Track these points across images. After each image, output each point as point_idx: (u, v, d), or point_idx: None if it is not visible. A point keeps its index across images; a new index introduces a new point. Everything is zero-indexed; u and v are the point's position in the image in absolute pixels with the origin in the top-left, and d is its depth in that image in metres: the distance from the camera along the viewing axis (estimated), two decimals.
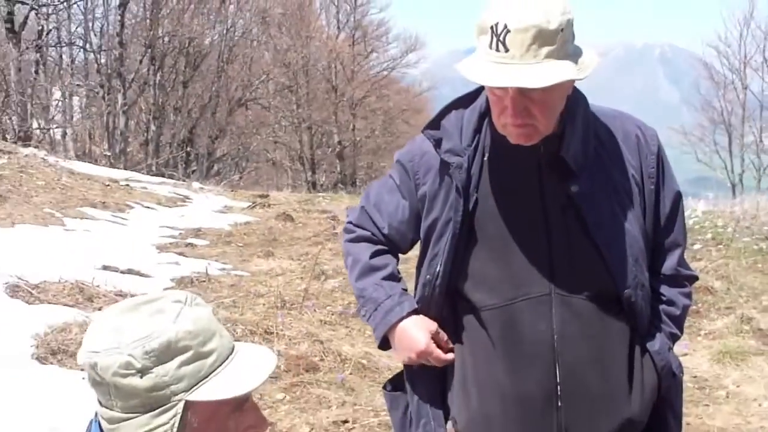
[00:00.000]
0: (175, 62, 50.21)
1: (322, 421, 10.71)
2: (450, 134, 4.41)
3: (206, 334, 3.08)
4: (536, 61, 3.87)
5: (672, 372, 4.62)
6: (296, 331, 13.53)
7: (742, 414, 11.30)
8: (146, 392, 2.99)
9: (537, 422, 4.37)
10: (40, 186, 22.10)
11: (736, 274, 17.14)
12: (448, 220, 4.39)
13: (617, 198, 4.37)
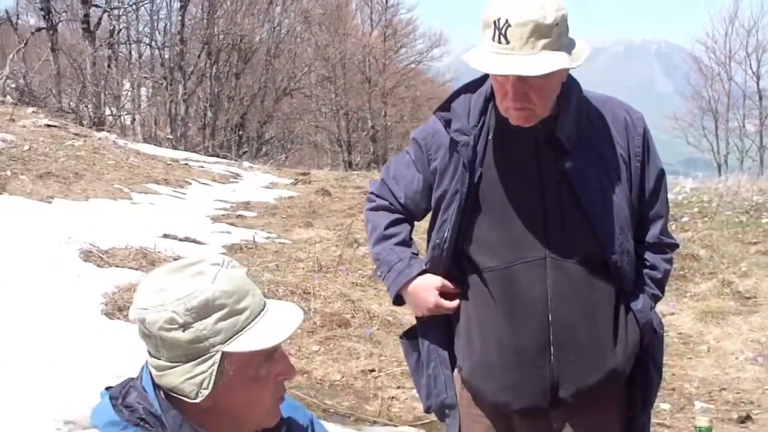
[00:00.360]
0: (229, 56, 50.25)
1: (351, 369, 10.77)
2: (459, 116, 4.48)
3: (240, 293, 3.07)
4: (534, 52, 3.96)
5: (653, 328, 4.66)
6: (331, 291, 13.68)
7: (720, 366, 11.38)
8: (188, 344, 3.00)
9: (532, 371, 4.44)
10: (110, 165, 22.10)
11: (718, 244, 17.15)
12: (455, 191, 4.46)
13: (606, 174, 4.43)
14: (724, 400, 10.25)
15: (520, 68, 3.96)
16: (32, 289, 11.93)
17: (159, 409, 3.09)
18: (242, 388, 3.13)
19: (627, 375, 4.65)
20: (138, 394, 3.15)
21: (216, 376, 3.03)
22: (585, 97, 4.52)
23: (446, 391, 4.78)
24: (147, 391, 3.14)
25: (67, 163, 20.97)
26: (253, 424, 3.26)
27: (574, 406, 4.51)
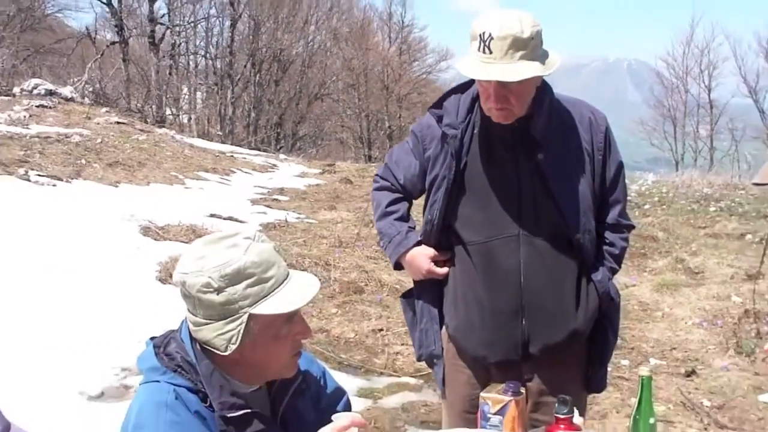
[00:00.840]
0: (270, 66, 50.29)
1: (363, 329, 10.84)
2: (449, 112, 4.56)
3: (267, 264, 3.15)
4: (512, 62, 4.06)
5: (611, 296, 4.72)
6: (348, 263, 13.75)
7: (672, 329, 11.41)
8: (220, 306, 3.09)
9: (507, 330, 4.53)
10: (168, 156, 22.15)
11: (674, 227, 17.16)
12: (444, 176, 4.54)
13: (572, 165, 4.50)
14: (674, 358, 10.27)
15: (501, 75, 4.06)
16: (100, 258, 12.12)
17: (194, 359, 3.20)
18: (265, 345, 3.20)
19: (587, 335, 4.72)
20: (177, 344, 3.26)
21: (243, 333, 3.10)
22: (556, 99, 4.56)
23: (434, 344, 4.87)
24: (185, 342, 3.25)
25: (132, 154, 21.03)
26: (274, 375, 3.35)
27: (542, 360, 4.58)
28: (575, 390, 4.58)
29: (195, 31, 51.18)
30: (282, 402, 3.44)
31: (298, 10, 52.07)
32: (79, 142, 21.26)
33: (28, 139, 20.31)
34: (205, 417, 3.14)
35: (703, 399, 8.90)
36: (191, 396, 3.15)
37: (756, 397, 8.80)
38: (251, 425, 3.20)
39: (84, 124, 24.52)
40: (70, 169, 17.89)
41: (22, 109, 25.09)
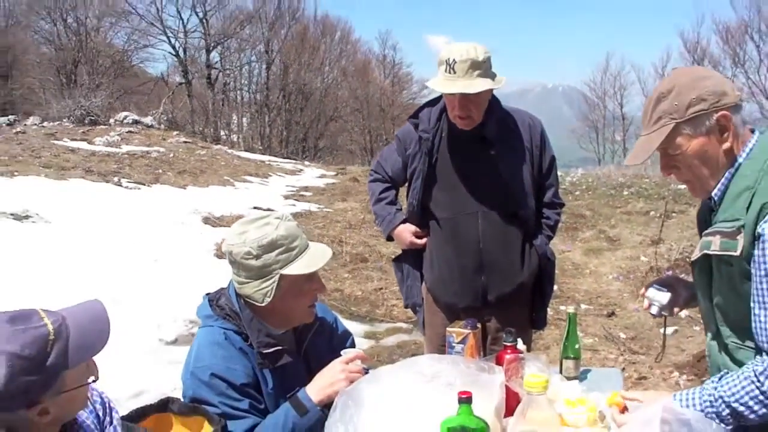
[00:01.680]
0: (296, 97, 50.33)
1: (368, 288, 10.89)
2: (423, 121, 4.66)
3: (293, 237, 3.24)
4: (471, 78, 4.22)
5: (547, 257, 4.83)
6: (356, 240, 13.78)
7: (597, 282, 11.47)
8: (258, 269, 3.19)
9: (470, 283, 4.65)
10: (222, 165, 22.13)
11: (597, 207, 17.13)
12: (420, 169, 4.63)
13: (517, 158, 4.60)
14: (599, 303, 10.29)
15: (464, 88, 4.20)
16: (173, 240, 12.13)
17: (238, 309, 3.30)
18: (291, 298, 3.27)
19: (531, 286, 4.81)
20: (226, 299, 3.36)
21: (276, 289, 3.21)
22: (504, 109, 4.66)
23: (416, 296, 5.00)
24: (231, 297, 3.34)
25: (196, 165, 21.05)
26: (297, 322, 3.41)
27: (497, 306, 4.67)
28: (523, 327, 4.71)
29: (240, 72, 51.25)
30: (304, 341, 3.52)
31: (316, 54, 52.13)
32: (157, 157, 21.37)
33: (120, 156, 20.47)
34: (246, 352, 3.24)
35: (620, 333, 8.92)
36: (236, 337, 3.27)
37: (659, 330, 8.80)
38: (281, 359, 3.29)
39: (160, 144, 24.62)
40: (150, 176, 17.94)
41: (116, 134, 25.27)
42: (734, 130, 2.69)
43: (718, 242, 2.67)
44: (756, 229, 2.51)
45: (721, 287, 2.77)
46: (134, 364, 7.36)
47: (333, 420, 2.68)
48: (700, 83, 2.68)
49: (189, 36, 47.67)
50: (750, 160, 2.68)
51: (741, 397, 2.52)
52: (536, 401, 2.26)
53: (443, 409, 2.45)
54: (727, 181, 2.72)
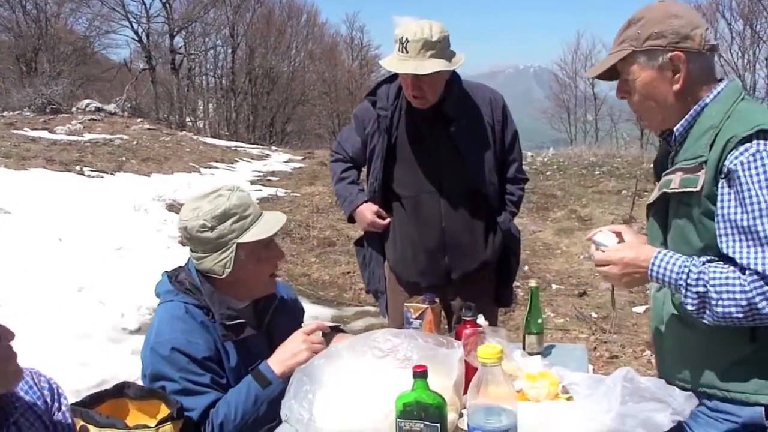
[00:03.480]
0: (262, 81, 50.12)
1: (336, 272, 10.96)
2: (381, 98, 4.64)
3: (245, 205, 3.33)
4: (424, 59, 4.17)
5: (512, 233, 4.84)
6: (324, 224, 13.79)
7: (568, 262, 11.53)
8: (215, 241, 3.27)
9: (433, 262, 4.66)
10: (187, 151, 22.03)
11: (568, 187, 17.22)
12: (380, 148, 4.60)
13: (478, 134, 4.59)
14: (570, 283, 10.34)
15: (414, 69, 4.17)
16: (136, 228, 12.08)
17: (198, 283, 3.36)
18: (251, 266, 3.34)
19: (495, 263, 4.82)
20: (185, 274, 3.42)
21: (234, 259, 3.28)
22: (463, 87, 4.62)
23: (379, 282, 5.04)
24: (191, 271, 3.40)
25: (160, 151, 20.93)
26: (258, 292, 3.48)
27: (461, 284, 4.69)
28: (488, 305, 4.74)
29: (205, 57, 50.94)
30: (265, 317, 3.56)
31: (282, 38, 51.83)
32: (120, 144, 21.23)
33: (82, 144, 20.32)
34: (208, 326, 3.29)
35: (591, 312, 8.97)
36: (197, 311, 3.31)
37: (631, 309, 8.90)
38: (244, 331, 3.34)
39: (124, 131, 24.46)
40: (113, 164, 17.80)
41: (78, 122, 25.09)
42: (687, 75, 2.76)
43: (678, 180, 2.73)
44: (720, 166, 2.58)
45: (674, 238, 2.85)
46: (97, 353, 7.32)
47: (288, 397, 2.68)
48: (668, 20, 2.77)
49: (152, 21, 47.23)
50: (716, 102, 2.76)
51: (720, 286, 2.55)
52: (491, 372, 2.25)
53: (399, 385, 2.46)
54: (689, 121, 2.80)
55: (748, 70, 42.31)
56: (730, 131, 2.59)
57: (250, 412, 3.16)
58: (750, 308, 2.50)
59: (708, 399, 2.83)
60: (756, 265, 2.49)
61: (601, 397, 2.58)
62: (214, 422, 3.14)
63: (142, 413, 3.01)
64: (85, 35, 46.67)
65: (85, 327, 7.87)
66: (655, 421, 2.44)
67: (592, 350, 7.72)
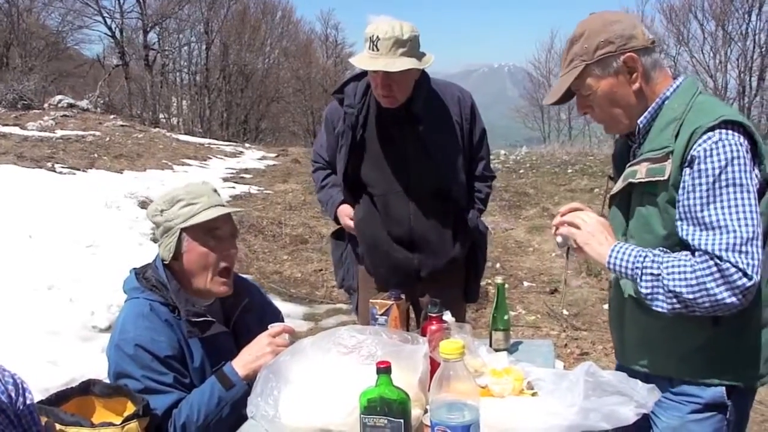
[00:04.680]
0: (237, 78, 49.88)
1: (308, 270, 10.97)
2: (349, 96, 4.60)
3: (197, 194, 3.41)
4: (394, 57, 4.16)
5: (480, 230, 4.85)
6: (297, 221, 13.77)
7: (540, 260, 11.61)
8: (163, 223, 3.39)
9: (403, 261, 4.68)
10: (160, 148, 21.92)
11: (541, 185, 17.33)
12: (343, 145, 4.62)
13: (446, 133, 4.59)
14: (542, 280, 10.40)
15: (384, 66, 4.14)
16: (107, 225, 11.99)
17: (165, 280, 3.37)
18: (196, 256, 3.39)
19: (464, 260, 4.84)
20: (152, 271, 3.44)
21: (177, 244, 3.36)
22: (432, 86, 4.61)
23: (353, 279, 5.06)
24: (158, 269, 3.42)
25: (133, 148, 20.81)
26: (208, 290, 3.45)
27: (431, 281, 4.69)
28: (457, 302, 4.81)
29: (180, 54, 50.57)
30: (233, 316, 3.59)
31: (256, 34, 51.56)
32: (92, 141, 21.07)
33: (54, 140, 20.14)
34: (172, 324, 3.29)
35: (563, 309, 9.01)
36: (162, 308, 3.32)
37: (602, 306, 8.97)
38: (210, 329, 3.35)
39: (96, 128, 24.29)
40: (86, 161, 17.70)
41: (50, 118, 24.91)
42: (644, 72, 2.86)
43: (644, 170, 2.81)
44: (686, 155, 2.67)
45: (637, 227, 2.92)
46: (67, 351, 7.29)
47: (254, 394, 2.69)
48: (609, 27, 2.85)
49: (125, 16, 46.76)
50: (677, 96, 2.85)
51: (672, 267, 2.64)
52: (453, 368, 2.27)
53: (364, 381, 2.47)
54: (652, 114, 2.89)
55: (719, 70, 42.41)
56: (695, 122, 2.68)
57: (213, 414, 3.17)
58: (699, 288, 2.58)
59: (670, 383, 2.92)
60: (705, 245, 2.58)
61: (564, 392, 2.61)
62: (177, 423, 3.16)
63: (109, 411, 3.02)
64: (57, 30, 46.23)
65: (54, 325, 7.84)
66: (618, 414, 2.47)
67: (563, 347, 7.77)
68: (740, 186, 2.58)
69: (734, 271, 2.53)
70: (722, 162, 2.58)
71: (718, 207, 2.58)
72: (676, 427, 2.94)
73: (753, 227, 2.56)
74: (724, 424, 2.90)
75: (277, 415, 2.63)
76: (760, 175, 2.69)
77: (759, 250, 2.57)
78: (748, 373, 2.89)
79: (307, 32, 60.36)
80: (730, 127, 2.63)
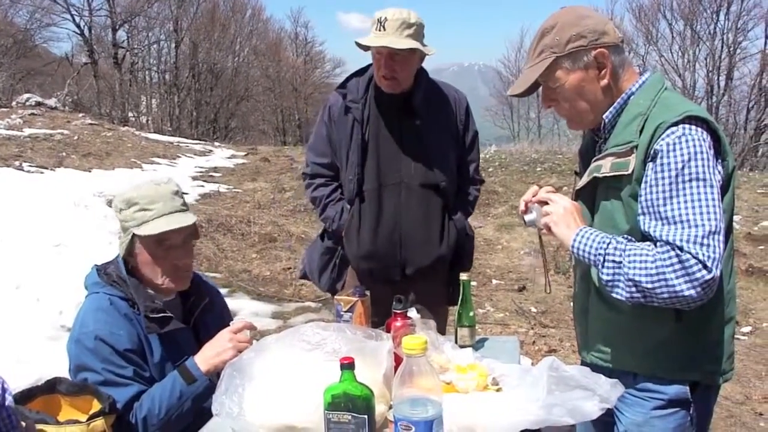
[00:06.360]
0: (206, 77, 49.64)
1: (277, 268, 10.95)
2: (352, 91, 4.74)
3: (152, 198, 3.39)
4: (400, 37, 4.36)
5: (465, 232, 4.94)
6: (265, 220, 13.68)
7: (509, 257, 11.69)
8: (121, 222, 3.46)
9: (389, 256, 4.73)
10: (129, 147, 21.80)
11: (510, 183, 17.37)
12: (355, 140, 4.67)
13: (442, 130, 4.73)
14: (510, 278, 10.47)
15: (390, 43, 4.32)
16: (75, 224, 11.97)
17: (126, 276, 3.44)
18: (147, 260, 3.45)
19: (449, 260, 4.87)
20: (114, 266, 3.51)
21: (128, 246, 3.43)
22: (432, 80, 4.80)
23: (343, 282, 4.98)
24: (119, 264, 3.50)
25: (101, 147, 20.69)
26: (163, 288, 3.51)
27: (416, 279, 4.73)
28: (439, 304, 4.90)
29: (149, 52, 50.21)
30: (194, 314, 3.61)
31: (226, 33, 51.30)
32: (60, 139, 20.94)
33: (21, 139, 20.02)
34: (132, 319, 3.35)
35: (531, 307, 9.07)
36: (122, 303, 3.38)
37: (569, 304, 8.96)
38: (169, 325, 3.40)
39: (64, 126, 24.14)
40: (54, 160, 17.60)
41: (18, 117, 24.76)
42: (613, 69, 2.88)
43: (608, 164, 2.83)
44: (649, 150, 2.69)
45: (601, 221, 2.94)
46: (35, 350, 7.28)
47: (219, 392, 2.69)
48: (582, 21, 2.87)
49: (94, 14, 46.45)
50: (642, 91, 2.88)
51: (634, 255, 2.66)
52: (416, 363, 2.27)
53: (328, 377, 2.47)
54: (617, 109, 2.91)
55: (688, 69, 42.56)
56: (659, 117, 2.70)
57: (175, 408, 3.21)
58: (659, 278, 2.59)
59: (633, 378, 2.94)
60: (667, 236, 2.60)
61: (528, 388, 2.62)
62: (138, 415, 3.18)
63: (74, 409, 3.02)
64: (25, 27, 45.85)
65: (22, 324, 7.80)
66: (582, 409, 2.47)
67: (531, 344, 7.81)
68: (703, 181, 2.59)
69: (694, 262, 2.54)
70: (685, 157, 2.59)
71: (681, 201, 2.59)
72: (639, 423, 2.95)
73: (715, 221, 2.57)
74: (687, 420, 2.92)
75: (241, 412, 2.63)
76: (722, 172, 2.71)
77: (720, 244, 2.58)
78: (711, 369, 2.92)
79: (277, 30, 60.33)
80: (694, 122, 2.65)
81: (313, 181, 4.96)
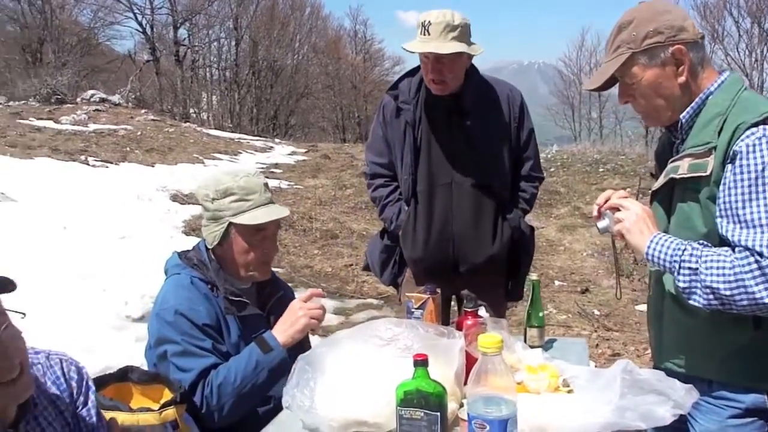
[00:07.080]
0: (266, 74, 49.98)
1: (338, 264, 10.96)
2: (403, 92, 4.69)
3: (250, 190, 3.45)
4: (445, 41, 4.27)
5: (522, 231, 4.85)
6: (327, 216, 13.79)
7: (571, 259, 11.54)
8: (213, 212, 3.47)
9: (442, 254, 4.69)
10: (191, 143, 22.04)
11: (572, 184, 17.25)
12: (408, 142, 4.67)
13: (493, 129, 4.63)
14: (573, 280, 10.36)
15: (435, 48, 4.25)
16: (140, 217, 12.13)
17: (207, 260, 3.53)
18: (239, 247, 3.49)
19: (505, 258, 4.83)
20: (195, 251, 3.60)
21: (223, 235, 3.46)
22: (483, 79, 4.71)
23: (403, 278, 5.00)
24: (201, 250, 3.58)
25: (164, 142, 20.97)
26: (246, 274, 3.56)
27: (470, 276, 4.69)
28: (497, 299, 4.85)
29: (209, 49, 50.79)
30: (268, 304, 3.69)
31: (285, 30, 51.67)
32: (124, 135, 21.31)
33: (87, 134, 20.41)
34: (210, 299, 3.43)
35: (594, 309, 8.97)
36: (202, 284, 3.46)
37: (633, 307, 8.90)
38: (246, 309, 3.51)
39: (128, 122, 24.52)
40: (118, 155, 17.89)
41: (83, 113, 25.17)
42: (690, 66, 2.79)
43: (686, 165, 2.74)
44: (728, 151, 2.59)
45: (677, 223, 2.85)
46: (100, 340, 7.36)
47: (291, 385, 2.70)
48: (659, 17, 2.79)
49: (156, 12, 47.14)
50: (721, 91, 2.78)
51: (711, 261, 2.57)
52: (491, 362, 2.26)
53: (400, 373, 2.48)
54: (695, 109, 2.82)
55: (755, 68, 41.86)
56: (738, 118, 2.61)
57: (250, 377, 3.25)
58: (737, 284, 2.48)
59: (709, 386, 2.83)
60: (746, 241, 2.49)
61: (600, 390, 2.57)
62: (213, 383, 3.23)
63: (146, 397, 3.06)
64: (89, 26, 46.74)
65: (88, 314, 7.91)
66: (655, 414, 2.42)
67: (594, 347, 7.72)
68: None
69: None
70: (765, 158, 2.50)
71: (761, 204, 2.49)
72: None
73: None
74: (765, 430, 2.81)
75: (313, 405, 2.64)
76: None
77: None
78: None
79: (336, 28, 60.63)
80: None
81: (373, 182, 4.98)
